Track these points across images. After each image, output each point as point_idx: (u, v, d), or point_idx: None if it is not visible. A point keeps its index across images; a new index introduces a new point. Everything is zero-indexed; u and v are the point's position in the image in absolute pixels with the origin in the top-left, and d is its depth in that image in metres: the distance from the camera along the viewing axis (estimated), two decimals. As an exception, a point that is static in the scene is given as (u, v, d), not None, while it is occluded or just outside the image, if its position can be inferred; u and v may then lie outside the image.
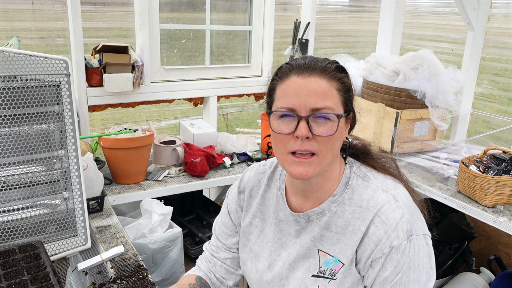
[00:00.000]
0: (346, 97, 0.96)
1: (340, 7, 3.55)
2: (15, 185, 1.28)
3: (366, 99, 2.46)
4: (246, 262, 1.16)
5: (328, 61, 0.96)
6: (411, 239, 0.93)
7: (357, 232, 0.96)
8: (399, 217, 0.93)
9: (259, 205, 1.14)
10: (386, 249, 0.92)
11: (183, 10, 2.58)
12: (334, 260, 0.99)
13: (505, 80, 2.69)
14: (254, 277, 1.13)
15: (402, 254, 0.92)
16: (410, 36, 3.27)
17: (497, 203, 1.78)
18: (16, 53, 1.21)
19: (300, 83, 0.92)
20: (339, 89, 0.94)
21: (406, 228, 0.92)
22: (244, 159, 2.36)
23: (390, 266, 0.92)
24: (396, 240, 0.92)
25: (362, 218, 0.96)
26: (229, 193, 1.23)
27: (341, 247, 0.98)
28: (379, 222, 0.94)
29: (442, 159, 2.25)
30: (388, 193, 0.97)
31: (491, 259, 2.25)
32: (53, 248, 1.35)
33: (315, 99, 0.91)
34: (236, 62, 2.78)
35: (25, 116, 1.25)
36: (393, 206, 0.94)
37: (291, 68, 0.95)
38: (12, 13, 2.17)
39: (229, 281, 1.22)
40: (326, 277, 0.99)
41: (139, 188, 1.98)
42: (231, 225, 1.21)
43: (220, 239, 1.22)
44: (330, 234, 1.00)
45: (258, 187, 1.16)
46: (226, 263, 1.21)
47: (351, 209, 0.98)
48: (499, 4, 2.57)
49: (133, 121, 2.72)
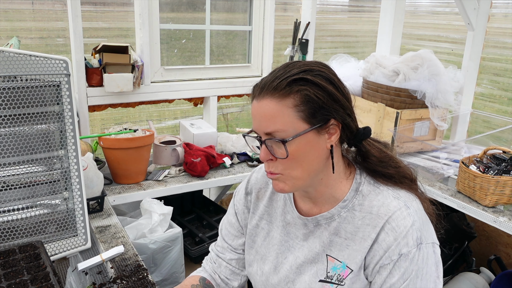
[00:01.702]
0: (309, 108, 0.88)
1: (340, 7, 3.55)
2: (15, 185, 1.28)
3: (366, 99, 2.46)
4: (252, 264, 1.15)
5: (283, 77, 0.89)
6: (421, 247, 0.92)
7: (367, 238, 0.95)
8: (409, 225, 0.92)
9: (266, 207, 1.13)
10: (394, 256, 0.92)
11: (183, 10, 2.58)
12: (342, 265, 0.98)
13: (505, 80, 2.69)
14: (259, 279, 1.12)
15: (411, 262, 0.91)
16: (410, 36, 3.28)
17: (497, 203, 1.78)
18: (16, 53, 1.21)
19: (255, 107, 0.92)
20: (295, 105, 0.88)
21: (416, 236, 0.92)
22: (244, 159, 2.36)
23: (398, 273, 0.92)
24: (406, 248, 0.91)
25: (373, 224, 0.95)
26: (236, 194, 1.22)
27: (350, 253, 0.97)
28: (389, 229, 0.93)
29: (442, 159, 2.25)
30: (399, 200, 0.96)
31: (491, 259, 2.25)
32: (53, 248, 1.35)
33: (265, 124, 0.90)
34: (236, 62, 2.78)
35: (25, 116, 1.25)
36: (404, 213, 0.93)
37: (253, 90, 0.95)
38: (12, 13, 2.17)
39: (234, 282, 1.22)
40: (333, 282, 0.98)
41: (139, 188, 1.98)
42: (237, 226, 1.20)
43: (226, 240, 1.22)
44: (340, 239, 0.99)
45: (265, 189, 1.15)
46: (231, 264, 1.21)
47: (361, 215, 0.97)
48: (499, 4, 2.57)
49: (133, 121, 2.72)
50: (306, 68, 0.91)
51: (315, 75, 0.91)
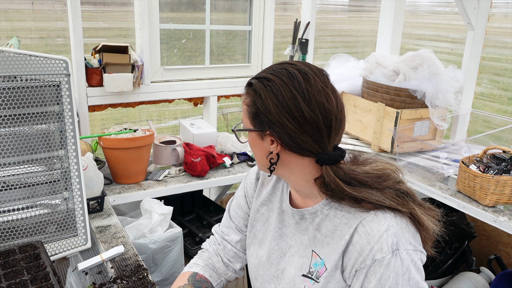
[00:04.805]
0: (252, 112, 0.97)
1: (340, 6, 3.55)
2: (15, 185, 1.28)
3: (366, 99, 2.46)
4: (249, 247, 1.19)
5: (255, 75, 1.00)
6: (397, 253, 0.88)
7: (342, 238, 0.94)
8: (383, 229, 0.89)
9: (269, 194, 1.17)
10: (368, 261, 0.89)
11: (183, 10, 2.58)
12: (321, 263, 0.99)
13: (505, 80, 2.69)
14: (253, 262, 1.16)
15: (386, 268, 0.87)
16: (410, 36, 3.27)
17: (497, 203, 1.78)
18: (16, 53, 1.21)
19: None
20: (248, 104, 0.99)
21: (391, 241, 0.88)
22: (244, 159, 2.36)
23: (374, 279, 0.89)
24: (379, 254, 0.88)
25: (349, 224, 0.94)
26: (247, 177, 1.27)
27: (329, 251, 0.97)
28: (363, 232, 0.91)
29: (442, 158, 2.25)
30: None
31: (491, 258, 2.26)
32: (53, 248, 1.35)
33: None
34: (236, 62, 2.78)
35: (25, 116, 1.25)
36: (380, 216, 0.90)
37: None
38: (12, 13, 2.17)
39: (236, 264, 1.26)
40: (312, 278, 1.00)
41: (139, 188, 1.98)
42: (246, 208, 1.24)
43: (234, 220, 1.26)
44: (321, 236, 1.00)
45: (271, 177, 1.19)
46: (237, 247, 1.25)
47: (341, 214, 0.97)
48: (499, 3, 2.56)
49: (133, 121, 2.72)
50: (271, 74, 0.95)
51: (268, 85, 0.93)
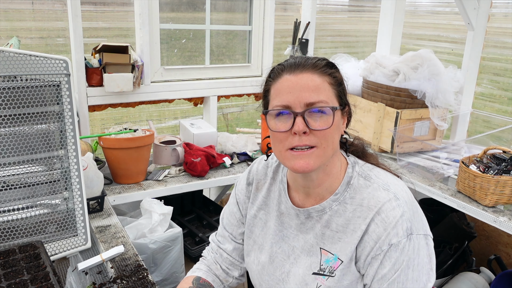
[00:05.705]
0: (339, 91, 0.99)
1: (340, 7, 3.55)
2: (15, 185, 1.28)
3: (366, 99, 2.46)
4: (250, 253, 1.18)
5: (318, 58, 0.99)
6: (411, 237, 0.93)
7: (357, 230, 0.97)
8: (399, 215, 0.93)
9: (265, 198, 1.16)
10: (384, 247, 0.93)
11: (183, 10, 2.58)
12: (334, 258, 1.00)
13: (505, 80, 2.69)
14: (256, 268, 1.15)
15: (401, 252, 0.92)
16: (410, 36, 3.27)
17: (497, 203, 1.78)
18: (16, 53, 1.21)
19: (292, 80, 0.94)
20: (331, 83, 0.96)
21: (406, 226, 0.93)
22: (244, 159, 2.36)
23: (389, 264, 0.93)
24: (395, 238, 0.92)
25: (363, 216, 0.96)
26: (237, 184, 1.25)
27: (342, 246, 0.99)
28: (379, 220, 0.94)
29: (442, 158, 2.25)
30: (389, 192, 0.97)
31: (491, 258, 2.26)
32: (53, 248, 1.35)
33: (308, 94, 0.93)
34: (236, 62, 2.78)
35: (25, 116, 1.25)
36: (394, 204, 0.95)
37: (282, 68, 0.98)
38: (12, 13, 2.17)
39: (234, 272, 1.25)
40: (325, 274, 1.00)
41: (139, 188, 1.98)
42: (239, 216, 1.23)
43: (227, 229, 1.24)
44: (331, 232, 1.01)
45: (264, 180, 1.18)
46: (232, 255, 1.23)
47: (352, 208, 0.99)
48: (499, 3, 2.56)
49: (133, 121, 2.72)
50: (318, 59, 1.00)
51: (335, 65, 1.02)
